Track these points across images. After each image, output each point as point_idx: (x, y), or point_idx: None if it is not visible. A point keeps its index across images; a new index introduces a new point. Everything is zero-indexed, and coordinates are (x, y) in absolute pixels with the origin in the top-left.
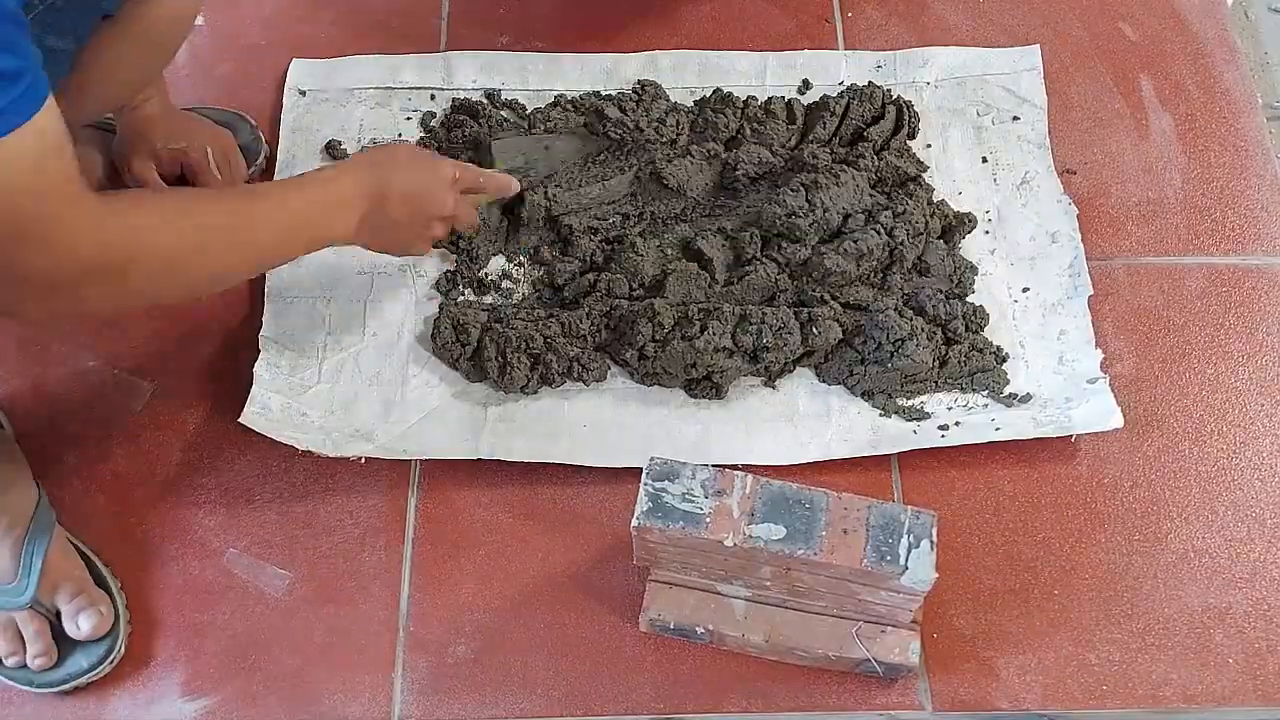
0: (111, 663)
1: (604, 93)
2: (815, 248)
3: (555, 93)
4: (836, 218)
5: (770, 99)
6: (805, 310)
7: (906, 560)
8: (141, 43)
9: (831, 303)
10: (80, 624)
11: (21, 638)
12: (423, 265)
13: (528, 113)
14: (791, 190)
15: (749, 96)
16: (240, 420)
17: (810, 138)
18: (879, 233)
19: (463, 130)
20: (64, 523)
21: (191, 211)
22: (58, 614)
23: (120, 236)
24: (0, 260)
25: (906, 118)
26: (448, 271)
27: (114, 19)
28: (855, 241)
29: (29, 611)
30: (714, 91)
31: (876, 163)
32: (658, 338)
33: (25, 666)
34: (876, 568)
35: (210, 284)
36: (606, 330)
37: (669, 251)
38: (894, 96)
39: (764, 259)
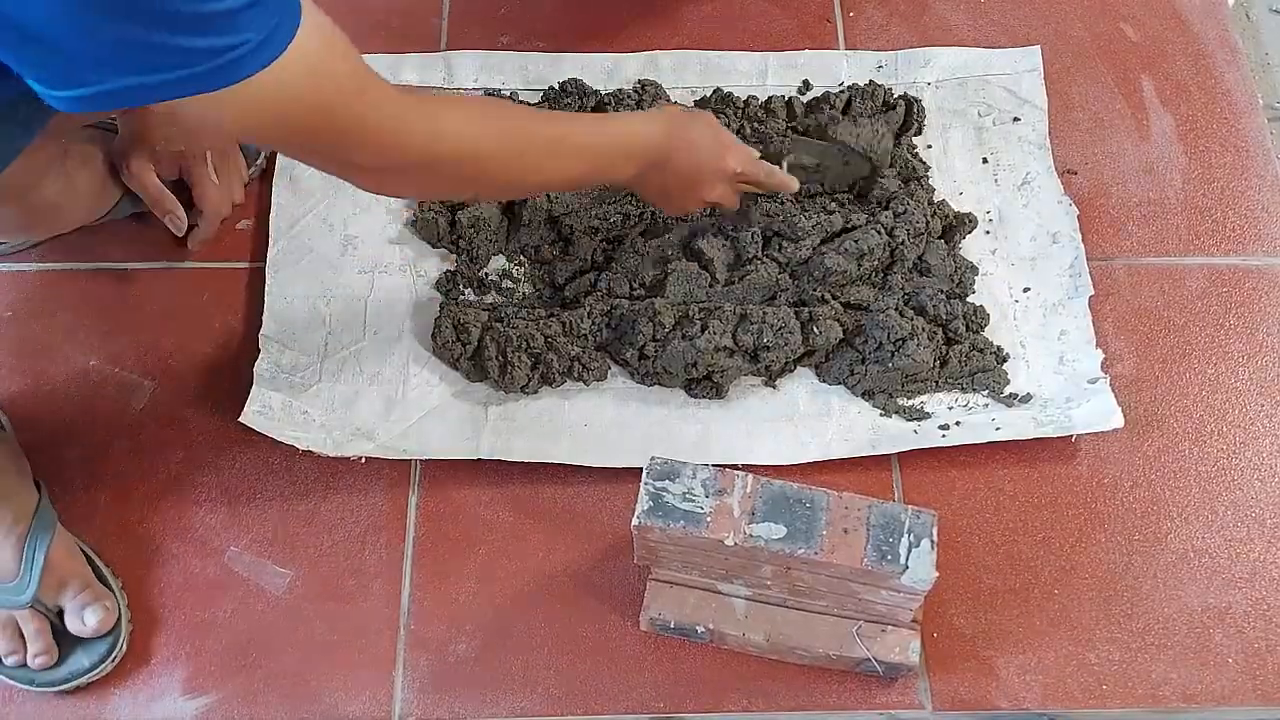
0: (113, 661)
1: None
2: (816, 247)
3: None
4: (838, 219)
5: (770, 98)
6: (806, 310)
7: (907, 560)
8: None
9: (832, 302)
10: (86, 619)
11: (22, 636)
12: (423, 265)
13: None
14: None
15: (749, 96)
16: (241, 419)
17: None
18: (879, 232)
19: None
20: (65, 522)
21: (499, 122)
22: (59, 613)
23: (432, 135)
24: (330, 153)
25: (915, 114)
26: (448, 271)
27: None
28: (856, 241)
29: (30, 610)
30: (714, 91)
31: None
32: (658, 337)
33: (25, 665)
34: (877, 567)
35: (507, 190)
36: (607, 330)
37: (669, 251)
38: (900, 94)
39: (764, 259)
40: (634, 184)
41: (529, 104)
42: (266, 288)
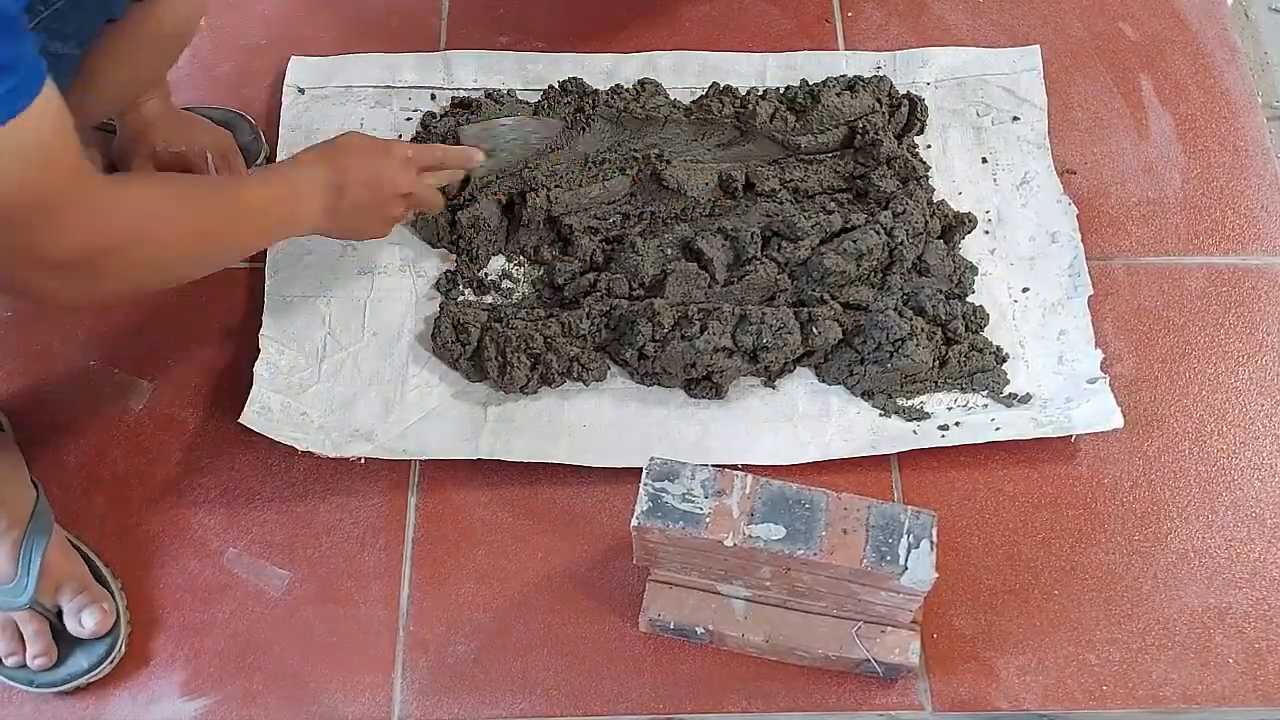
0: (112, 662)
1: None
2: (815, 248)
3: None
4: (837, 219)
5: (767, 90)
6: (805, 310)
7: (906, 560)
8: (147, 46)
9: (831, 303)
10: (83, 621)
11: (21, 638)
12: (423, 265)
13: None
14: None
15: (750, 89)
16: (240, 420)
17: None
18: (878, 233)
19: (458, 122)
20: (63, 522)
21: (184, 201)
22: (58, 614)
23: (122, 218)
24: (13, 241)
25: (919, 113)
26: (448, 271)
27: (119, 23)
28: (855, 241)
29: (29, 611)
30: (711, 86)
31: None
32: (657, 337)
33: (25, 666)
34: (876, 568)
35: (185, 272)
36: (606, 330)
37: (669, 251)
38: (904, 93)
39: (764, 259)
40: (325, 219)
41: (527, 103)
42: (266, 289)
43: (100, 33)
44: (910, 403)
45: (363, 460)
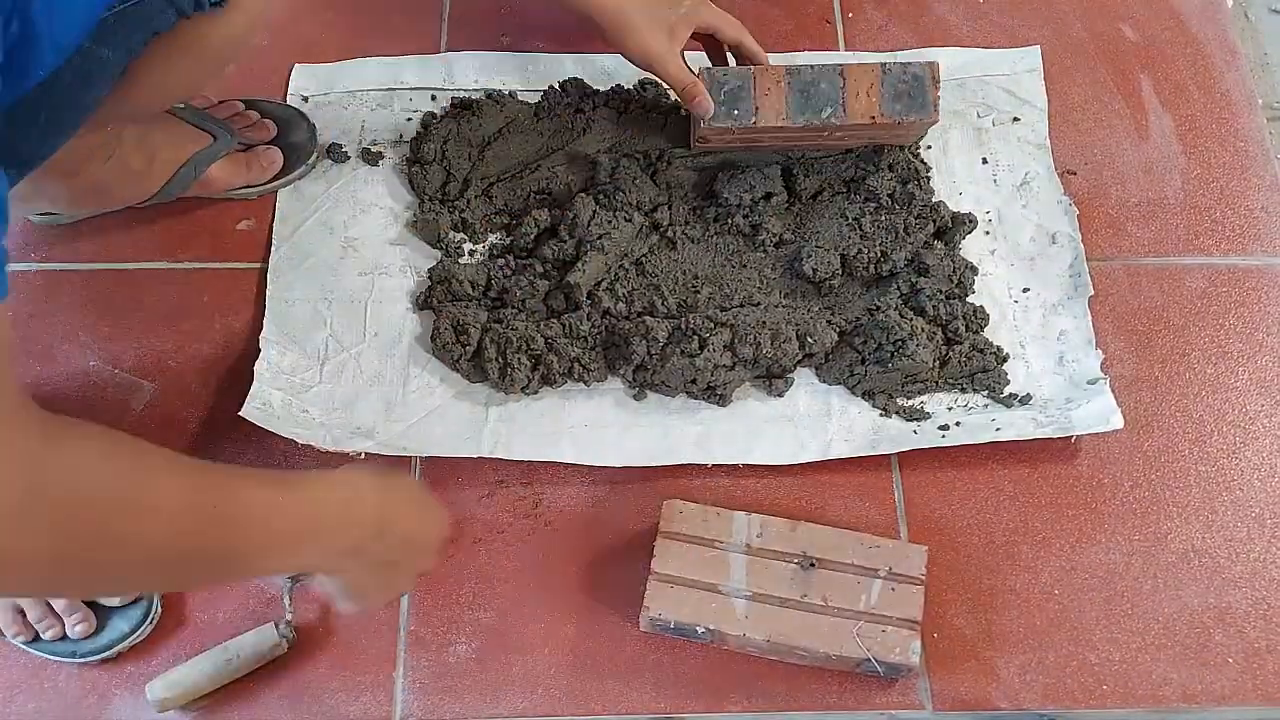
0: (151, 622)
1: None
2: (798, 249)
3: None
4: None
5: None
6: (801, 312)
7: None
8: (195, 60)
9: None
10: None
11: (53, 610)
12: (423, 266)
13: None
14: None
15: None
16: (240, 414)
17: None
18: (859, 233)
19: (459, 123)
20: None
21: (146, 469)
22: None
23: (58, 475)
24: None
25: None
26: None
27: (169, 35)
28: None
29: None
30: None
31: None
32: (653, 353)
33: (64, 638)
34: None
35: (131, 581)
36: (601, 346)
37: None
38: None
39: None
40: (343, 558)
41: (528, 103)
42: (268, 292)
43: (147, 42)
44: (911, 403)
45: (363, 456)
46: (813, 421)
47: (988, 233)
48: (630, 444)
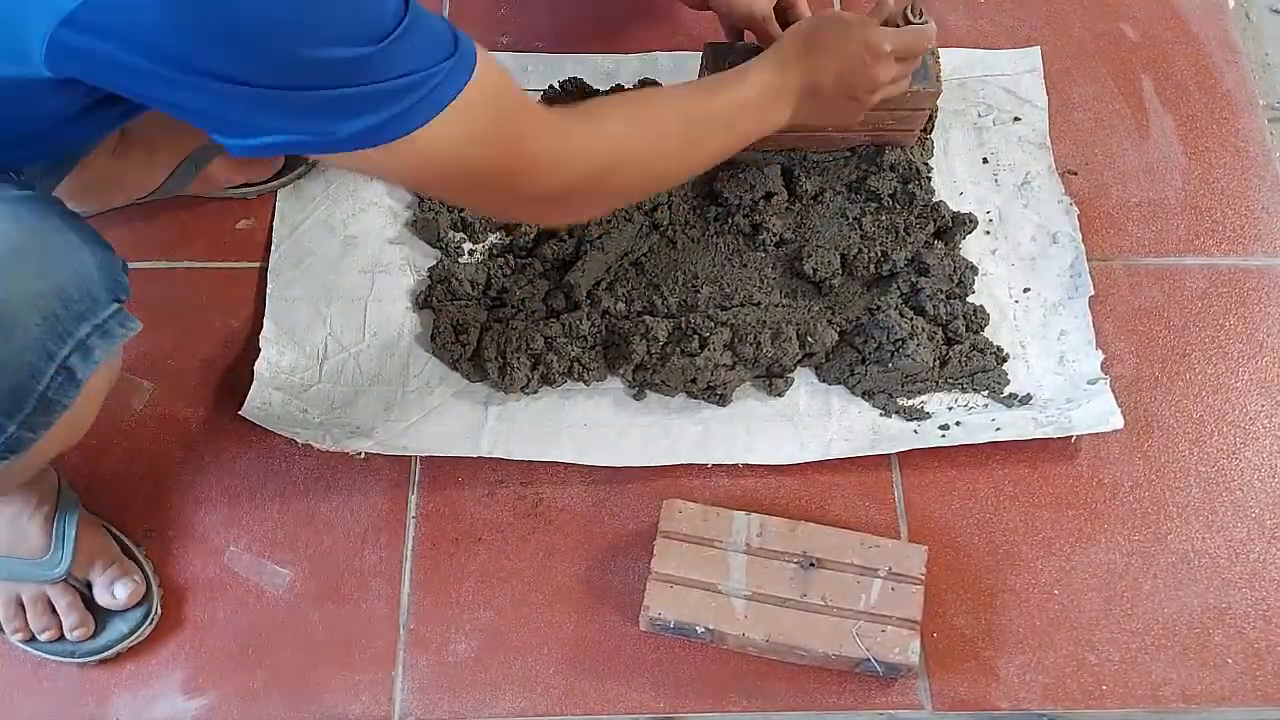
0: (150, 623)
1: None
2: (799, 250)
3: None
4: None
5: None
6: (802, 310)
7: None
8: None
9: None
10: (116, 592)
11: (54, 612)
12: (423, 265)
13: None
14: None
15: None
16: (240, 413)
17: None
18: (859, 233)
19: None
20: None
21: (652, 118)
22: (88, 586)
23: (599, 148)
24: (500, 188)
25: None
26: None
27: None
28: (837, 244)
29: (61, 585)
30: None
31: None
32: (653, 352)
33: (62, 639)
34: None
35: (668, 182)
36: (601, 346)
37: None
38: None
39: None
40: (795, 117)
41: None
42: (268, 292)
43: None
44: (911, 402)
45: (363, 455)
46: (813, 421)
47: (988, 232)
48: (630, 444)
